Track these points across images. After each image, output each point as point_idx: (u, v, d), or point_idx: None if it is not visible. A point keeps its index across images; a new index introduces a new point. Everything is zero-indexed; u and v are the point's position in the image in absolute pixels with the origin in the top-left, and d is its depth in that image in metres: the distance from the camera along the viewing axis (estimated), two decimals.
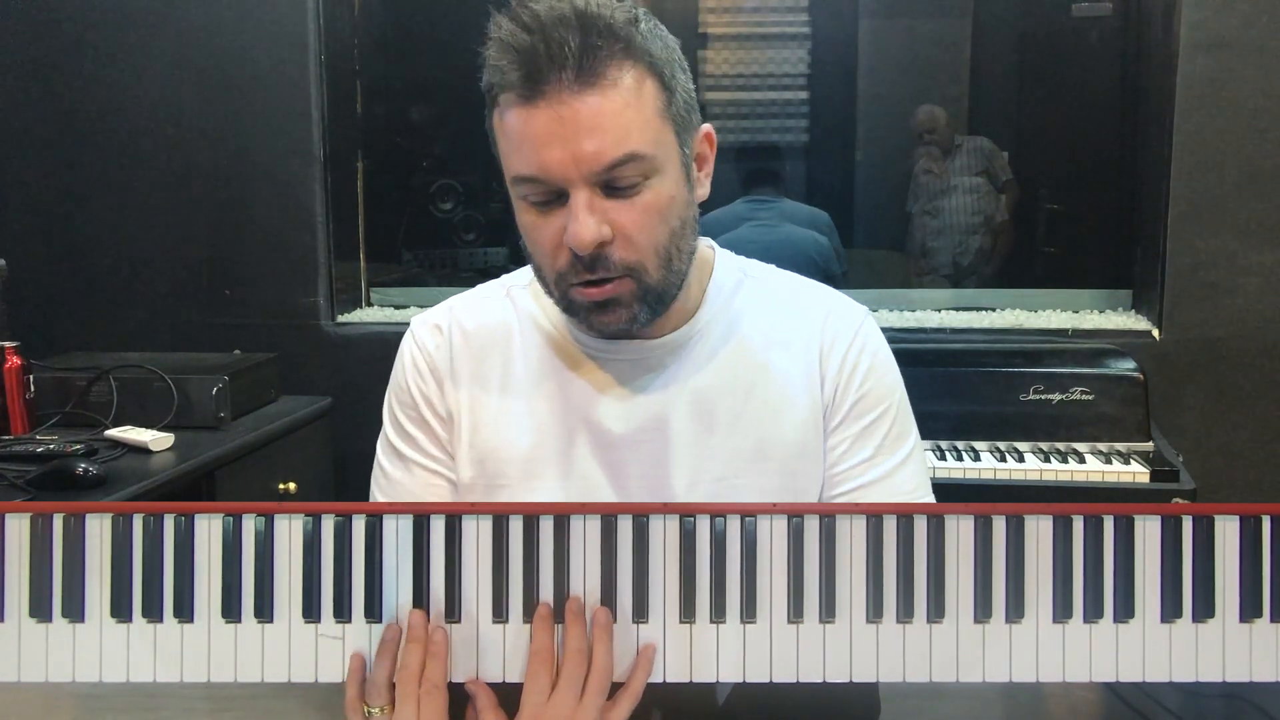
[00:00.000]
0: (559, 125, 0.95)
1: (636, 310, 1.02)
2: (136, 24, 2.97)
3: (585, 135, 0.95)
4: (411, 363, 1.16)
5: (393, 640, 0.93)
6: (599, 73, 0.95)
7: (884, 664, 0.93)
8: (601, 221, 0.97)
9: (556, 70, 0.94)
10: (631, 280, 1.01)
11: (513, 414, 1.11)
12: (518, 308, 1.16)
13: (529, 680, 0.92)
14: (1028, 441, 2.34)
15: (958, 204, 3.46)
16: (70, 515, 0.94)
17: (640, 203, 0.99)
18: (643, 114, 0.98)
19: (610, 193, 0.98)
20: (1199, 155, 2.70)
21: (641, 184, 0.98)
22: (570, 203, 0.97)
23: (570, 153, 0.95)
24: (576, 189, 0.97)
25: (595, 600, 0.93)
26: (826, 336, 1.13)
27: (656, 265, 1.01)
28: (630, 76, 0.97)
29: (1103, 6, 3.26)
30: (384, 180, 3.32)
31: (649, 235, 1.00)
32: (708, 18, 3.55)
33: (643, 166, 0.98)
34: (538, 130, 0.95)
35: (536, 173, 0.97)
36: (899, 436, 1.12)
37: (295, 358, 2.88)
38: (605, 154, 0.95)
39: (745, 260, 1.21)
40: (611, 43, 0.96)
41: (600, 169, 0.96)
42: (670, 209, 1.01)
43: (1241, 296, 2.72)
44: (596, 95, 0.95)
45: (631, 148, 0.96)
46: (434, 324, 1.16)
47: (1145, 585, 0.93)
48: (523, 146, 0.97)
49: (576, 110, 0.94)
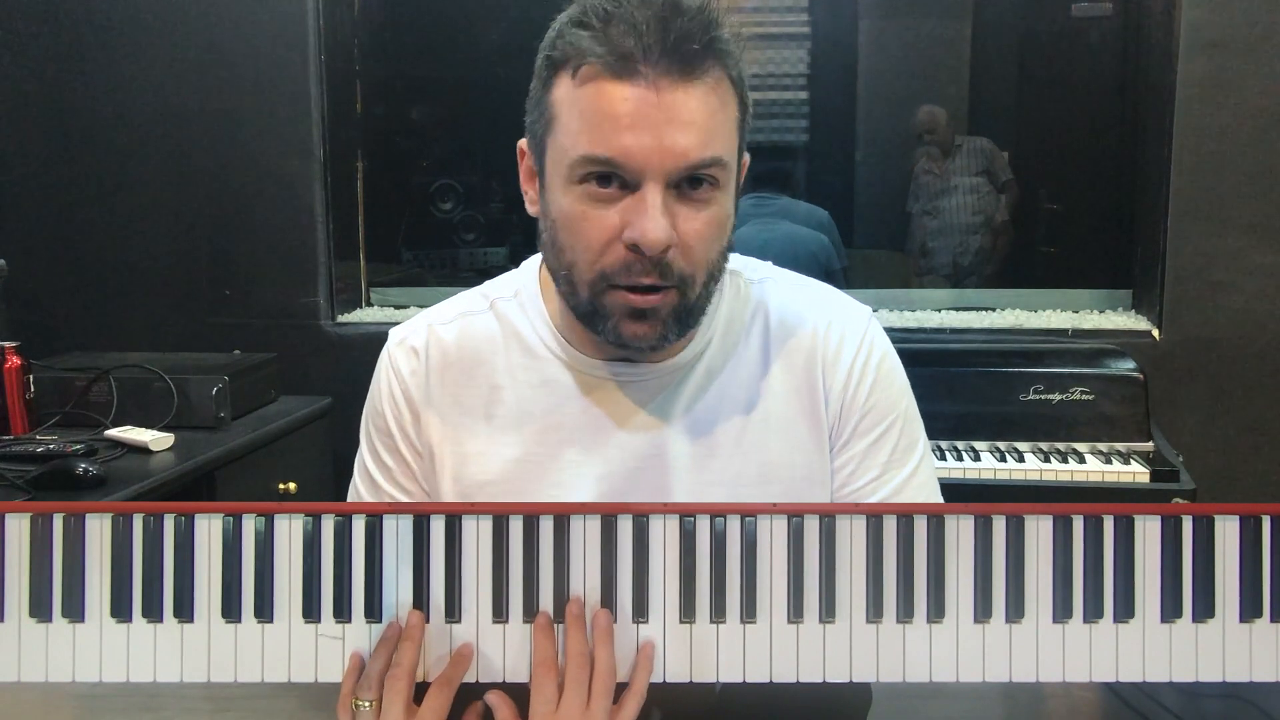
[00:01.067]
0: (653, 110, 0.89)
1: (669, 326, 0.97)
2: (136, 24, 2.97)
3: (678, 129, 0.89)
4: (388, 389, 1.10)
5: (392, 637, 0.92)
6: (702, 69, 0.90)
7: (884, 664, 0.93)
8: (670, 225, 0.92)
9: (657, 52, 0.88)
10: (677, 293, 0.95)
11: (500, 444, 1.06)
12: (503, 323, 1.09)
13: (535, 690, 0.91)
14: (1028, 441, 2.34)
15: (958, 204, 3.46)
16: (70, 515, 0.94)
17: (706, 214, 0.94)
18: (728, 123, 0.94)
19: (681, 196, 0.93)
20: (1199, 155, 2.70)
21: (711, 194, 0.94)
22: (642, 196, 0.91)
23: (659, 142, 0.89)
24: (653, 182, 0.91)
25: (595, 600, 0.93)
26: (829, 348, 1.07)
27: (703, 281, 0.97)
28: (724, 84, 0.93)
29: (1103, 6, 3.26)
30: (384, 180, 3.32)
31: (706, 249, 0.95)
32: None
33: (720, 175, 0.93)
34: (628, 110, 0.89)
35: (615, 155, 0.90)
36: (907, 448, 1.08)
37: (295, 358, 2.88)
38: (694, 152, 0.90)
39: (740, 261, 1.15)
40: (716, 43, 0.91)
41: (685, 166, 0.91)
42: (726, 225, 0.97)
43: (1241, 296, 2.72)
44: (697, 89, 0.90)
45: (718, 151, 0.92)
46: (411, 346, 1.10)
47: (1145, 585, 0.93)
48: (603, 125, 0.90)
49: (675, 100, 0.89)
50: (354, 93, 3.19)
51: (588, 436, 1.05)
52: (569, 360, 1.06)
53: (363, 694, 0.91)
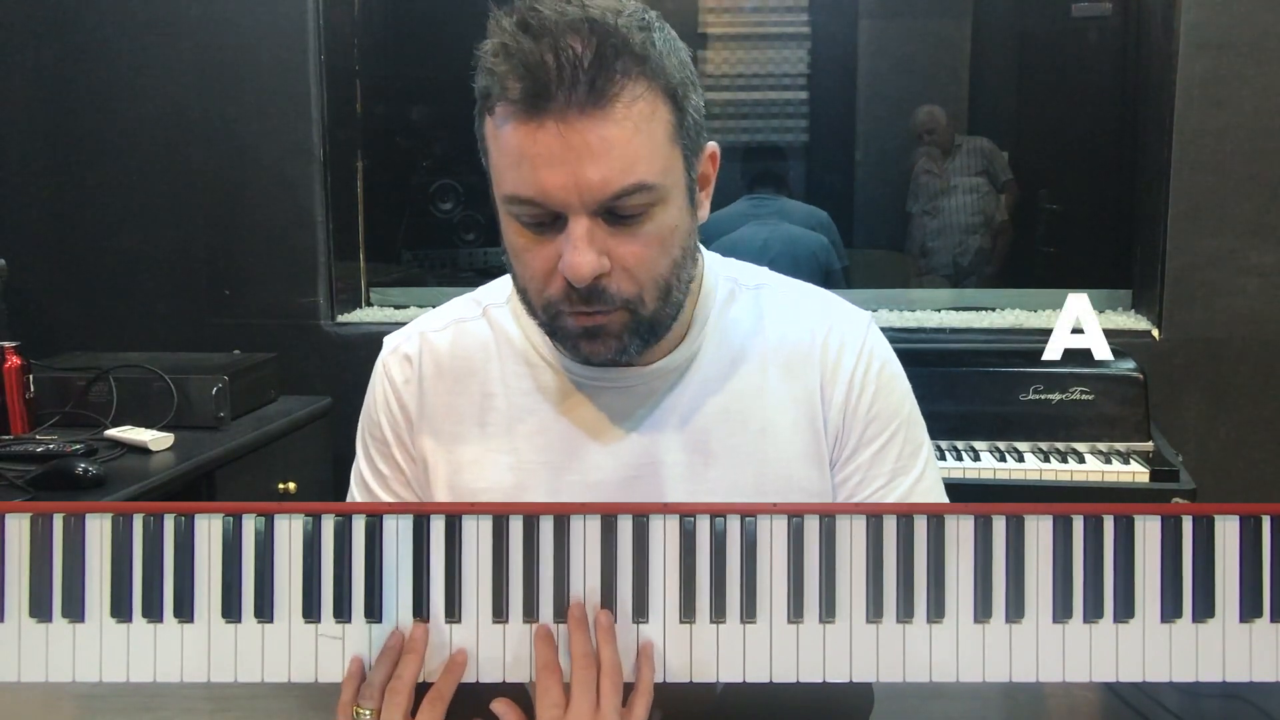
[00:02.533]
0: (563, 148, 0.87)
1: (627, 341, 0.96)
2: (137, 24, 2.97)
3: (591, 161, 0.87)
4: (383, 398, 1.10)
5: (395, 647, 0.92)
6: (611, 94, 0.87)
7: (884, 664, 0.93)
8: (601, 252, 0.91)
9: (565, 87, 0.86)
10: (626, 312, 0.94)
11: (494, 453, 1.06)
12: (496, 329, 1.09)
13: (540, 695, 0.91)
14: (1028, 441, 2.34)
15: (958, 204, 3.46)
16: (70, 515, 0.94)
17: (643, 234, 0.92)
18: (653, 140, 0.91)
19: (612, 221, 0.91)
20: (1199, 155, 2.70)
21: (645, 213, 0.92)
22: (568, 231, 0.90)
23: (574, 178, 0.88)
24: (576, 216, 0.90)
25: (595, 601, 0.93)
26: (829, 358, 1.06)
27: (654, 297, 0.95)
28: (644, 99, 0.90)
29: (1103, 6, 3.27)
30: (384, 180, 3.32)
31: (649, 267, 0.94)
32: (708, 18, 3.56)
33: (649, 196, 0.91)
34: (539, 150, 0.88)
35: (534, 195, 0.90)
36: (912, 453, 1.08)
37: (295, 358, 2.88)
38: (611, 183, 0.88)
39: (736, 266, 1.13)
40: (626, 60, 0.88)
41: (605, 198, 0.89)
42: (673, 239, 0.95)
43: (1241, 296, 2.72)
44: (606, 119, 0.87)
45: (639, 177, 0.89)
46: (404, 354, 1.10)
47: (1145, 585, 0.93)
48: (520, 165, 0.89)
49: (583, 134, 0.87)
50: (354, 93, 3.19)
51: (581, 443, 1.04)
52: (561, 366, 1.06)
53: (364, 703, 0.91)
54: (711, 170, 1.02)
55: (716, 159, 1.03)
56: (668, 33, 0.95)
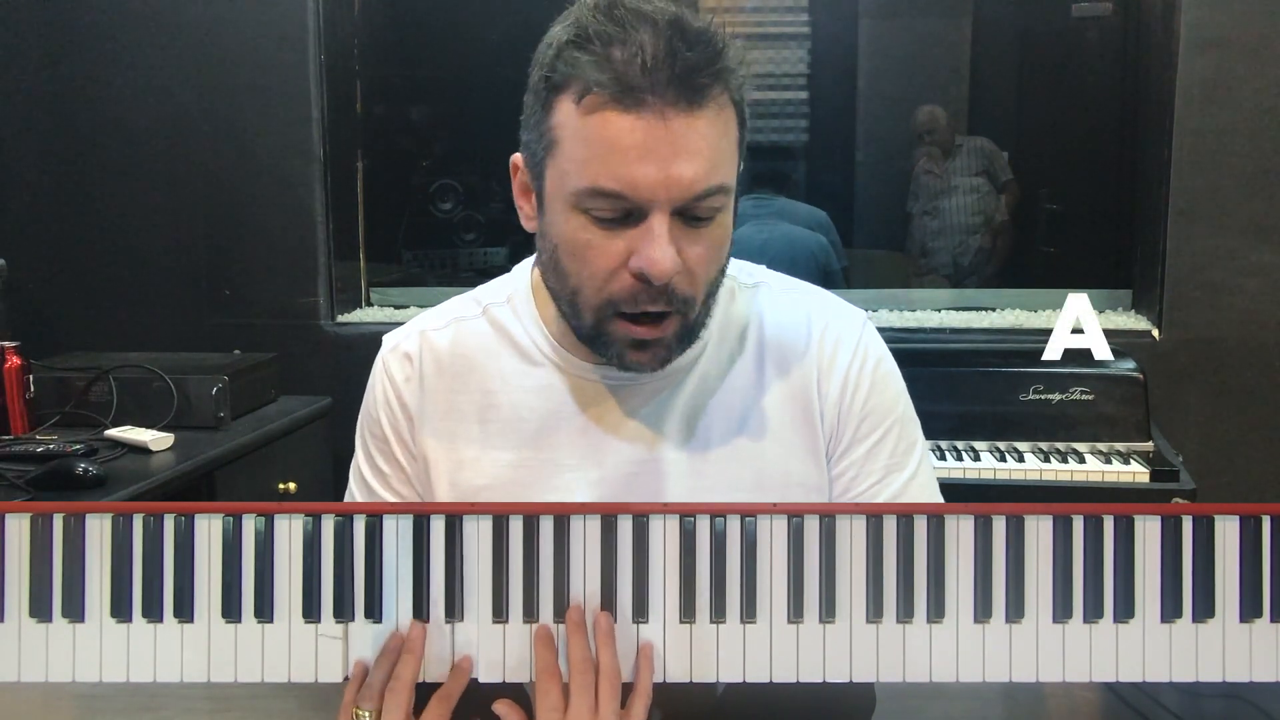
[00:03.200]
0: (659, 142, 0.88)
1: (673, 350, 0.98)
2: (136, 24, 2.97)
3: (686, 158, 0.88)
4: (383, 396, 1.10)
5: (394, 648, 0.92)
6: (704, 93, 0.89)
7: (884, 664, 0.93)
8: (675, 252, 0.91)
9: (664, 81, 0.87)
10: (680, 317, 0.96)
11: (494, 450, 1.06)
12: (495, 327, 1.09)
13: (540, 697, 0.91)
14: (1028, 441, 2.34)
15: (958, 204, 3.46)
16: (70, 515, 0.94)
17: (709, 237, 0.94)
18: (731, 146, 0.93)
19: (686, 222, 0.92)
20: (1199, 155, 2.70)
21: (714, 218, 0.93)
22: (649, 226, 0.90)
23: (665, 174, 0.88)
24: (659, 212, 0.90)
25: (595, 601, 0.93)
26: (824, 355, 1.07)
27: (703, 301, 0.97)
28: (728, 105, 0.92)
29: (1103, 6, 3.27)
30: (384, 180, 3.32)
31: (707, 270, 0.95)
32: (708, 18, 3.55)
33: (723, 200, 0.93)
34: (634, 142, 0.88)
35: (623, 188, 0.89)
36: (906, 450, 1.08)
37: (295, 358, 2.88)
38: (700, 181, 0.89)
39: (734, 265, 1.13)
40: (714, 64, 0.90)
41: (692, 196, 0.90)
42: (726, 244, 0.97)
43: (1241, 296, 2.72)
44: (702, 117, 0.89)
45: (722, 179, 0.92)
46: (404, 353, 1.10)
47: (1145, 585, 0.93)
48: (610, 156, 0.89)
49: (681, 130, 0.88)
50: (354, 93, 3.19)
51: (582, 442, 1.05)
52: (562, 365, 1.06)
53: (364, 703, 0.91)
54: None
55: None
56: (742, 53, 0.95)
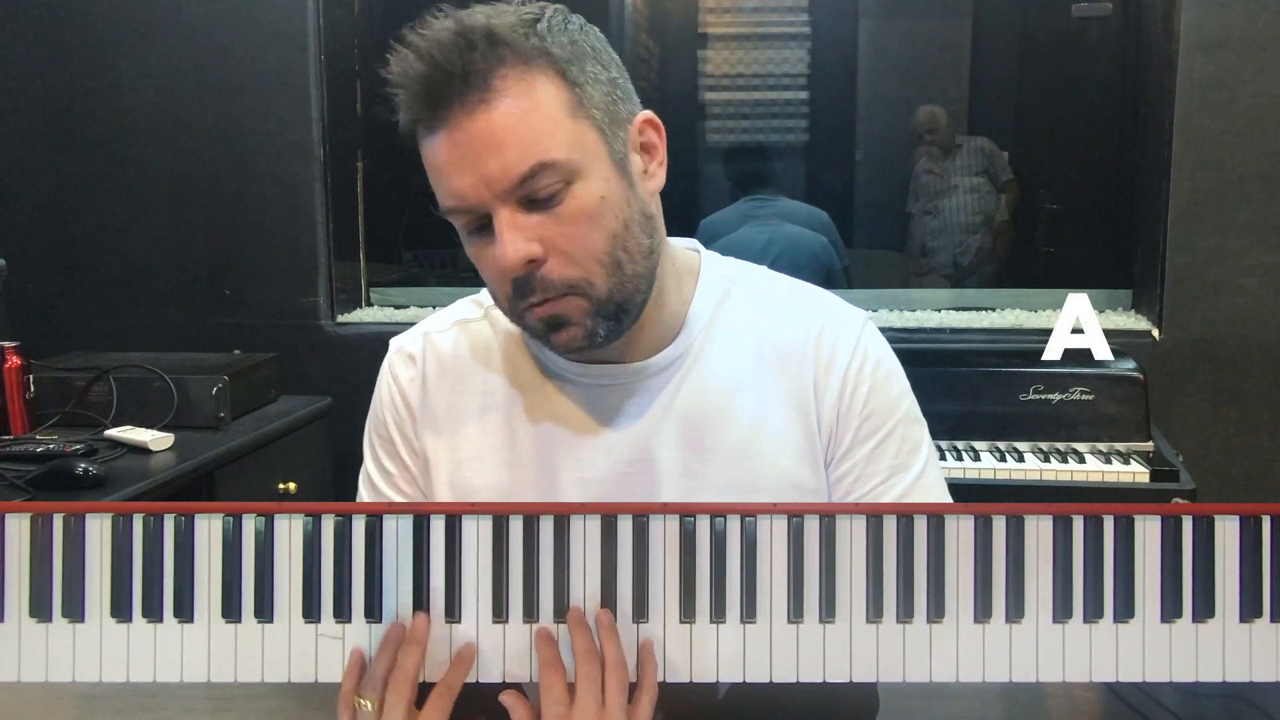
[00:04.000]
0: (460, 149, 0.92)
1: (592, 325, 0.97)
2: (136, 24, 2.97)
3: (487, 154, 0.91)
4: (388, 396, 1.12)
5: (395, 638, 0.92)
6: (488, 87, 0.91)
7: (884, 664, 0.93)
8: (529, 239, 0.92)
9: (448, 94, 0.91)
10: (577, 296, 0.95)
11: (493, 449, 1.07)
12: (496, 329, 1.11)
13: (544, 692, 0.91)
14: (1028, 441, 2.34)
15: (958, 204, 3.47)
16: (70, 515, 0.94)
17: (566, 212, 0.93)
18: (547, 118, 0.92)
19: (532, 208, 0.93)
20: (1199, 155, 2.70)
21: (563, 191, 0.93)
22: (494, 225, 0.93)
23: (478, 174, 0.91)
24: (496, 210, 0.92)
25: (595, 602, 0.93)
26: (822, 356, 1.06)
27: (604, 275, 0.95)
28: (523, 83, 0.92)
29: (1103, 6, 3.27)
30: (384, 180, 3.32)
31: (584, 245, 0.94)
32: (708, 18, 3.56)
33: (558, 174, 0.92)
34: (445, 159, 0.93)
35: (455, 203, 0.94)
36: (911, 451, 1.07)
37: (295, 358, 2.88)
38: (511, 169, 0.91)
39: (733, 264, 1.14)
40: (499, 52, 0.92)
41: (510, 185, 0.91)
42: (602, 212, 0.95)
43: (1241, 296, 2.72)
44: (490, 111, 0.91)
45: (539, 156, 0.91)
46: (408, 354, 1.12)
47: (1145, 585, 0.93)
48: (439, 178, 0.94)
49: (472, 131, 0.91)
50: (354, 93, 3.19)
51: (577, 443, 1.05)
52: (558, 365, 1.06)
53: (366, 694, 0.91)
54: (656, 138, 1.02)
55: (658, 125, 1.02)
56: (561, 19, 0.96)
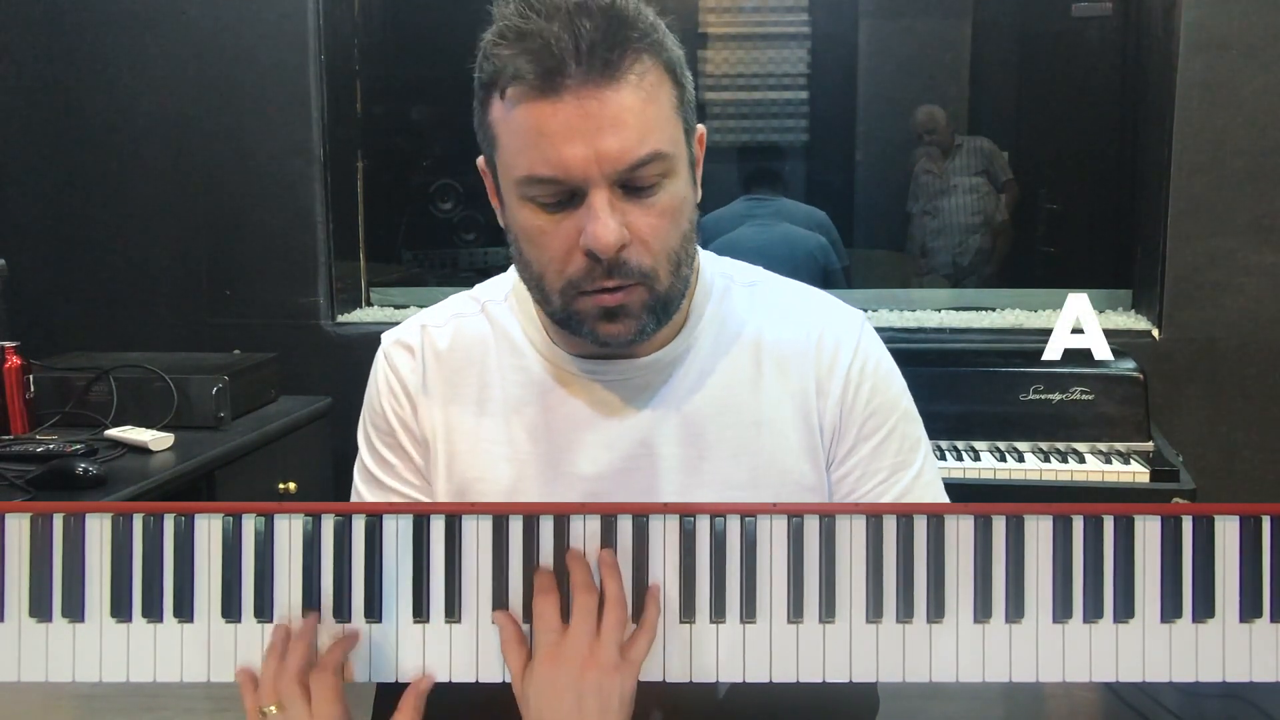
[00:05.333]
0: (582, 120, 0.90)
1: (645, 320, 0.97)
2: (137, 24, 2.97)
3: (610, 131, 0.90)
4: (386, 385, 1.11)
5: (279, 641, 0.92)
6: (623, 66, 0.90)
7: (884, 664, 0.93)
8: (621, 223, 0.92)
9: (579, 62, 0.89)
10: (644, 288, 0.96)
11: (491, 443, 1.06)
12: (494, 324, 1.10)
13: (536, 619, 0.91)
14: (1028, 441, 2.34)
15: (958, 204, 3.46)
16: (70, 515, 0.94)
17: (658, 205, 0.94)
18: (663, 111, 0.94)
19: (629, 194, 0.93)
20: (1199, 155, 2.70)
21: (659, 184, 0.94)
22: (589, 203, 0.92)
23: (594, 150, 0.90)
24: (597, 188, 0.92)
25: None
26: (823, 357, 1.07)
27: (668, 271, 0.97)
28: (651, 71, 0.93)
29: (1103, 6, 3.27)
30: (384, 180, 3.32)
31: (664, 239, 0.95)
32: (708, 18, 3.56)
33: (663, 166, 0.94)
34: (557, 126, 0.90)
35: (555, 172, 0.91)
36: (910, 449, 1.08)
37: (295, 358, 2.88)
38: (630, 152, 0.91)
39: (732, 264, 1.15)
40: (633, 35, 0.91)
41: (624, 167, 0.91)
42: (682, 211, 0.97)
43: (1241, 296, 2.72)
44: (621, 89, 0.90)
45: (655, 146, 0.92)
46: (406, 344, 1.11)
47: (1145, 585, 0.93)
48: (539, 144, 0.91)
49: (601, 105, 0.90)
50: (354, 93, 3.19)
51: (577, 436, 1.05)
52: (558, 360, 1.06)
53: (264, 702, 0.91)
54: (700, 153, 1.04)
55: (704, 141, 1.05)
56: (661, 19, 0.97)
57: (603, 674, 0.88)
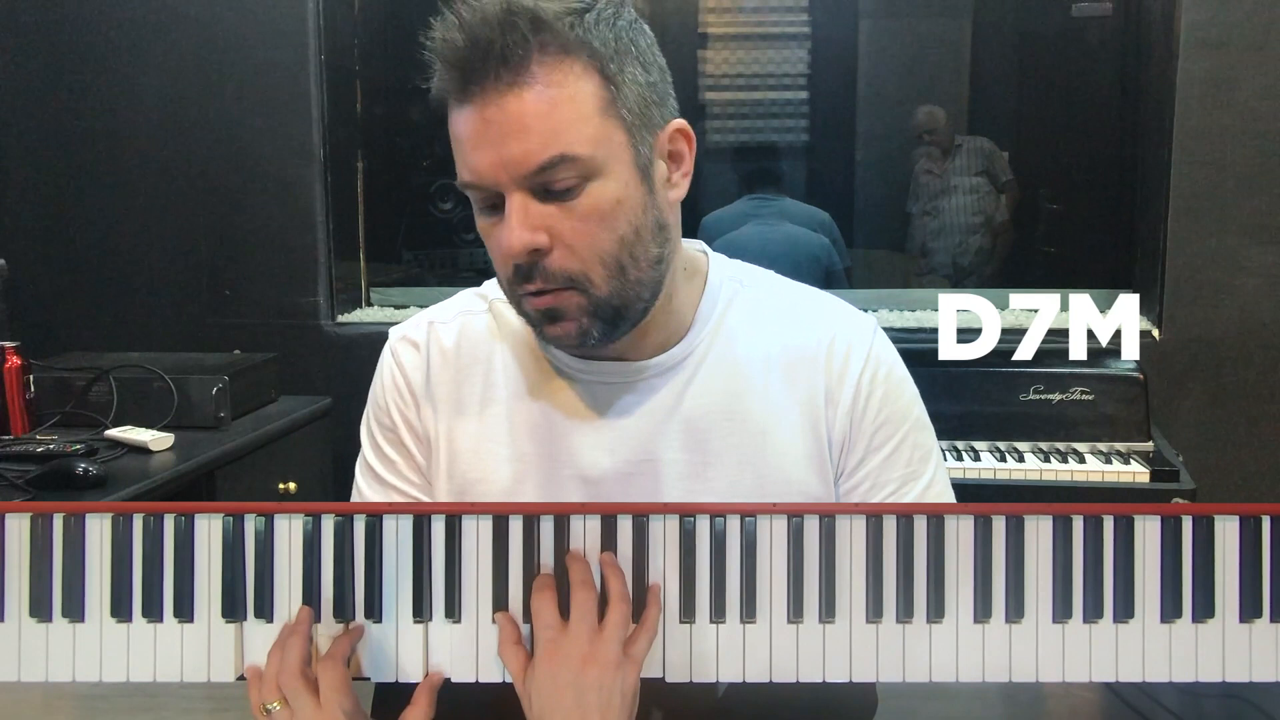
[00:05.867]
0: (485, 127, 0.91)
1: (587, 324, 0.96)
2: (136, 24, 2.97)
3: (511, 137, 0.90)
4: (392, 382, 1.10)
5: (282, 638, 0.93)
6: (526, 70, 0.90)
7: (884, 664, 0.93)
8: (537, 228, 0.92)
9: (484, 69, 0.90)
10: (576, 292, 0.94)
11: (492, 443, 1.05)
12: (500, 322, 1.09)
13: (535, 618, 0.91)
14: (1028, 441, 2.34)
15: (958, 204, 3.46)
16: (70, 515, 0.94)
17: (579, 208, 0.92)
18: (577, 112, 0.91)
19: (547, 197, 0.92)
20: (1199, 155, 2.70)
21: (580, 187, 0.92)
22: (506, 207, 0.93)
23: (498, 155, 0.91)
24: (510, 193, 0.92)
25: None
26: (835, 364, 1.05)
27: (605, 276, 0.94)
28: (561, 73, 0.91)
29: (1103, 6, 3.27)
30: (384, 180, 3.32)
31: (590, 243, 0.93)
32: (708, 18, 3.56)
33: (577, 169, 0.91)
34: (469, 133, 0.92)
35: (471, 178, 0.93)
36: (922, 459, 1.07)
37: (295, 358, 2.88)
38: (532, 156, 0.90)
39: (740, 266, 1.12)
40: (542, 37, 0.90)
41: (528, 172, 0.91)
42: (616, 214, 0.94)
43: (1241, 296, 2.72)
44: (521, 94, 0.90)
45: (561, 149, 0.90)
46: (412, 341, 1.10)
47: (1145, 585, 0.93)
48: (461, 150, 0.94)
49: (502, 110, 0.90)
50: (354, 93, 3.19)
51: (579, 438, 1.04)
52: (560, 361, 1.06)
53: (266, 699, 0.91)
54: (685, 148, 1.01)
55: (689, 135, 1.01)
56: (611, 12, 0.95)
57: (604, 670, 0.88)
